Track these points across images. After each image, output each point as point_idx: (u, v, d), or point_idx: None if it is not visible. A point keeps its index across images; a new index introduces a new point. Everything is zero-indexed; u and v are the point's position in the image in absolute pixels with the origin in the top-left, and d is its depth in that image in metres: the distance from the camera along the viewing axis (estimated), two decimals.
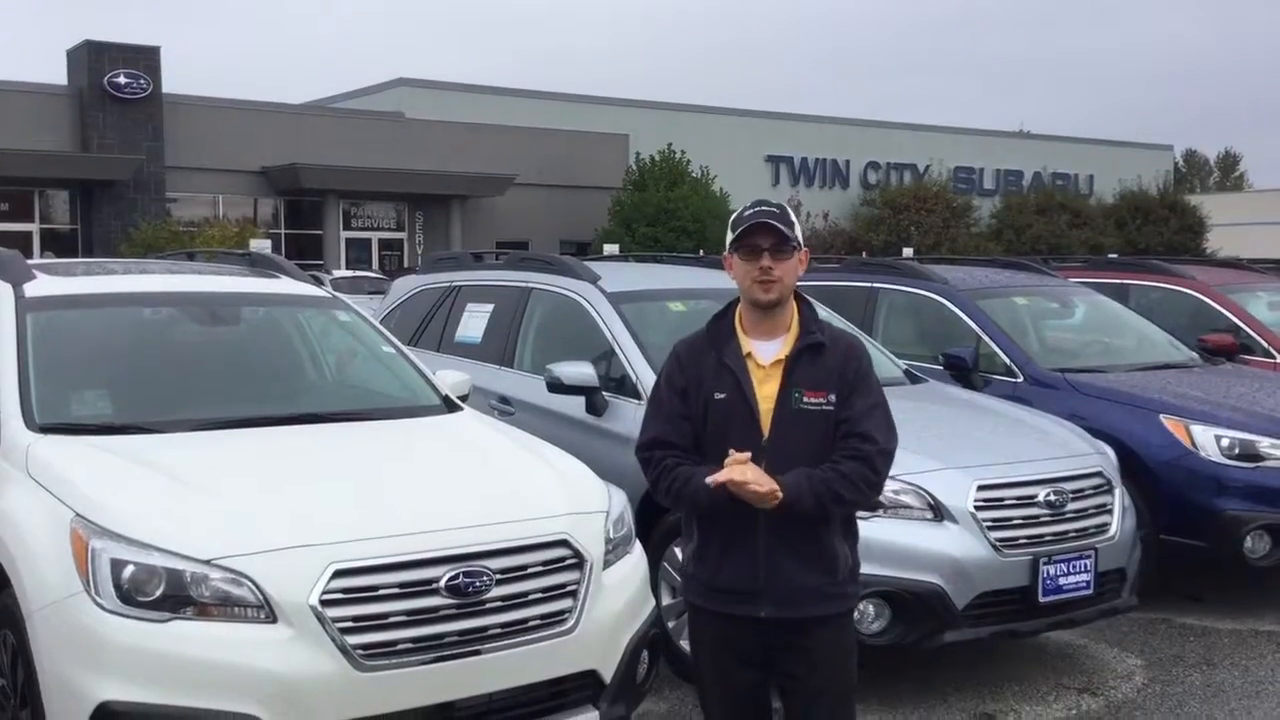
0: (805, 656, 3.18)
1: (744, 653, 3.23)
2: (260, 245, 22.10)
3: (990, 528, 5.07)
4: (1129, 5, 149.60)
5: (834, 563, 3.19)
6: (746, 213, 3.20)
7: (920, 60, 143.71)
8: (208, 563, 3.51)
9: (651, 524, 5.35)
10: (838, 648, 3.24)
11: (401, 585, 3.62)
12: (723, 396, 3.15)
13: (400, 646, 3.58)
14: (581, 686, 3.96)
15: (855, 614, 4.83)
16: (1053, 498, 5.24)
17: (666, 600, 5.36)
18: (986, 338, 7.46)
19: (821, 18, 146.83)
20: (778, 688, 3.31)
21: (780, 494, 3.02)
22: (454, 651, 3.65)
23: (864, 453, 3.11)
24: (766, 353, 3.19)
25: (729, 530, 3.16)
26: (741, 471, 3.00)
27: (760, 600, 3.15)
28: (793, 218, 3.20)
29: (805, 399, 3.14)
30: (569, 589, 3.92)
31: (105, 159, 27.41)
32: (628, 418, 5.76)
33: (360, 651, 3.51)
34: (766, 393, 3.13)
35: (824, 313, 7.13)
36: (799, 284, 3.28)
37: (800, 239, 3.21)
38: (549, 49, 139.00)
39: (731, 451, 3.04)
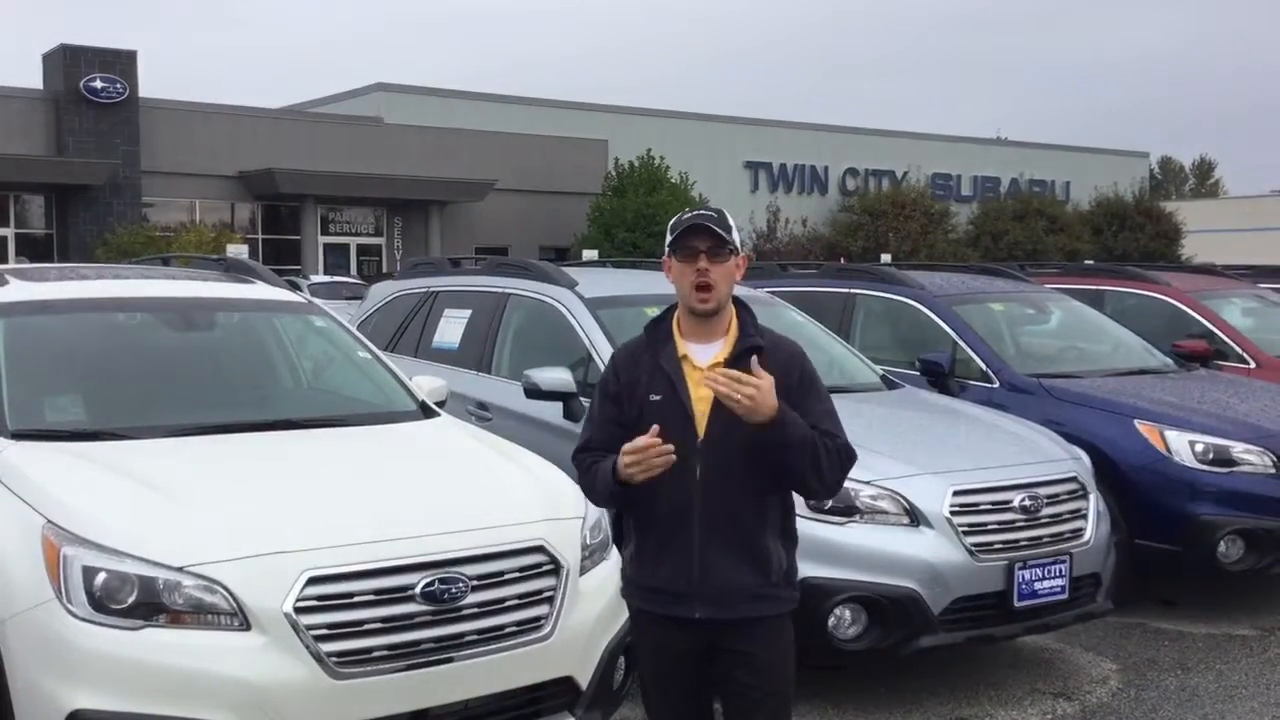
0: (744, 660, 3.15)
1: (682, 657, 3.19)
2: (237, 250, 22.07)
3: (966, 533, 5.09)
4: (1106, 13, 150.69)
5: (766, 563, 3.14)
6: (685, 216, 3.18)
7: (898, 66, 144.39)
8: (181, 570, 3.49)
9: None
10: (774, 652, 3.18)
11: (376, 592, 3.60)
12: (658, 398, 3.11)
13: (375, 654, 3.56)
14: (557, 693, 3.95)
15: (832, 620, 4.92)
16: (1028, 503, 5.26)
17: None
18: (963, 343, 7.48)
19: (799, 24, 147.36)
20: (719, 693, 3.27)
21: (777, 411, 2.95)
22: (429, 659, 3.63)
23: (836, 445, 3.09)
24: (703, 355, 3.15)
25: (664, 531, 3.14)
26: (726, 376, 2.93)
27: (693, 601, 3.11)
28: (731, 222, 3.18)
29: None
30: (545, 595, 3.91)
31: (81, 163, 27.26)
32: None
33: (335, 659, 3.49)
34: (702, 394, 3.08)
35: (801, 317, 7.19)
36: (778, 290, 3.23)
37: (738, 244, 3.18)
38: (529, 54, 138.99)
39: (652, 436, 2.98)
